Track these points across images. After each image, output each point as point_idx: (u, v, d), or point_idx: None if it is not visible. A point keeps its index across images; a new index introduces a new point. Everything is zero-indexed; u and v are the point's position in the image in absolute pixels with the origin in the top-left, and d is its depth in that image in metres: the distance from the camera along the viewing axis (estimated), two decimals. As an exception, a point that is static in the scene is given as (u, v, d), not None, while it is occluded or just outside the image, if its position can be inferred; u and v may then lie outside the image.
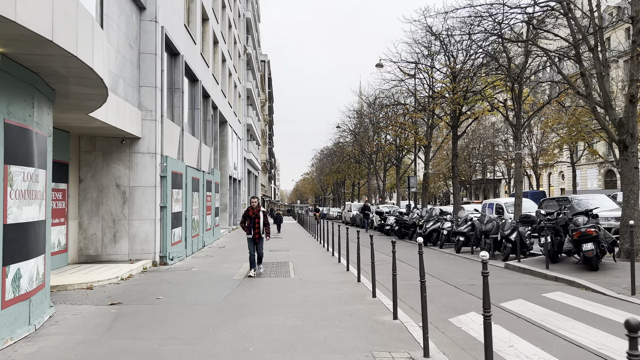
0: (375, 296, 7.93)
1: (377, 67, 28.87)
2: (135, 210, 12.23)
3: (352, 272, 10.86)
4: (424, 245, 18.94)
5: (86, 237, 12.00)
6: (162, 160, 12.77)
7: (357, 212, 36.01)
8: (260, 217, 10.35)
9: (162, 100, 13.02)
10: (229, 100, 28.14)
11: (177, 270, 11.68)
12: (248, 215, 10.37)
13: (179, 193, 14.12)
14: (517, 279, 10.29)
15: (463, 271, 11.45)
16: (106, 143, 12.15)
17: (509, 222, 13.45)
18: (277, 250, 16.43)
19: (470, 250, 15.48)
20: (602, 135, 33.60)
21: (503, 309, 7.29)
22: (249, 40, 42.20)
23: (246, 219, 10.39)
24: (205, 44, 20.64)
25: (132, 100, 11.86)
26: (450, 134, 28.72)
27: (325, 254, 15.00)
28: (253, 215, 10.33)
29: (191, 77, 17.68)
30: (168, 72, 14.61)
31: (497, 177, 59.93)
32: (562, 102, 20.28)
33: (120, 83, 11.07)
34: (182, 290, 8.80)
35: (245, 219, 10.41)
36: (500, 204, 21.81)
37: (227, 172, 26.81)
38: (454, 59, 22.65)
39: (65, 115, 9.05)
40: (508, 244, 13.15)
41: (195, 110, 18.20)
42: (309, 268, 11.69)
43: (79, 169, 11.98)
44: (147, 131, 12.36)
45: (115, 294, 8.43)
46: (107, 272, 10.22)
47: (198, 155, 17.91)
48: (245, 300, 7.88)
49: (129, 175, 12.25)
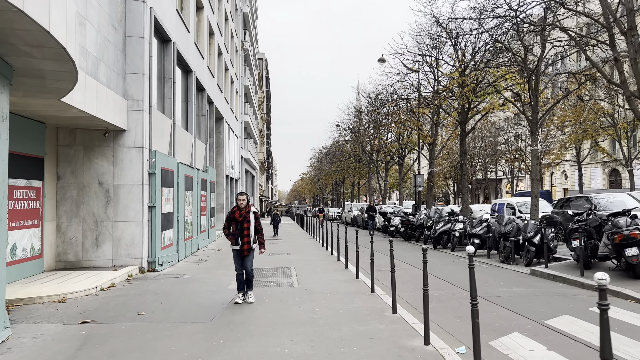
0: (395, 312, 6.73)
1: (379, 62, 27.68)
2: (120, 211, 11.00)
3: (362, 281, 9.66)
4: (434, 248, 17.92)
5: (65, 241, 10.76)
6: (151, 155, 11.54)
7: (358, 212, 34.83)
8: (250, 220, 7.57)
9: (151, 90, 11.80)
10: (225, 96, 26.91)
11: (166, 277, 10.45)
12: (234, 219, 7.59)
13: (169, 192, 12.89)
14: (550, 288, 9.10)
15: (487, 279, 10.26)
16: (87, 136, 10.91)
17: (531, 224, 12.28)
18: (277, 253, 15.22)
19: (486, 254, 14.30)
20: (609, 133, 32.64)
21: (551, 329, 6.10)
22: (246, 36, 40.97)
23: (231, 223, 7.64)
24: (199, 34, 19.41)
25: (116, 87, 10.64)
26: (457, 131, 27.64)
27: (329, 258, 13.80)
28: (240, 219, 7.54)
29: (184, 68, 16.45)
30: (158, 60, 13.38)
31: (497, 176, 58.83)
32: (581, 95, 19.10)
33: (101, 67, 9.85)
34: (170, 304, 7.58)
35: (230, 224, 7.66)
36: (511, 204, 20.65)
37: (223, 171, 25.58)
38: (462, 51, 21.48)
39: (34, 101, 7.83)
40: (531, 248, 11.99)
41: (189, 103, 16.96)
42: (314, 275, 10.49)
43: (56, 164, 10.74)
44: (133, 123, 11.13)
45: (90, 309, 7.20)
46: (85, 281, 8.99)
47: (192, 152, 16.68)
48: (243, 316, 6.67)
49: (113, 171, 11.02)
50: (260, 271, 11.08)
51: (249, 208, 7.64)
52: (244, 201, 7.61)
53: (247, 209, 7.61)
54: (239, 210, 7.61)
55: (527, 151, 45.39)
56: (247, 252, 7.59)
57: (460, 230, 16.40)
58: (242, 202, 7.60)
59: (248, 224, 7.56)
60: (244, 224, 7.54)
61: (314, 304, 7.40)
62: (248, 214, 7.60)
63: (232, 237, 7.57)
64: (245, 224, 7.54)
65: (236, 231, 7.54)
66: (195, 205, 16.48)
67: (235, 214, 7.60)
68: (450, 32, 21.65)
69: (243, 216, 7.55)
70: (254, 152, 47.54)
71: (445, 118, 27.45)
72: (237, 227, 7.55)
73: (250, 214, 7.61)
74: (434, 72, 24.48)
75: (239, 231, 7.53)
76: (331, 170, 58.82)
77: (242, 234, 7.53)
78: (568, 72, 16.87)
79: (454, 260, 13.69)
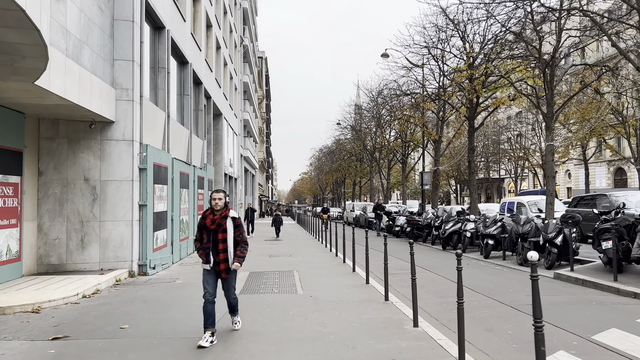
0: (417, 325, 5.83)
1: (382, 57, 26.84)
2: (108, 210, 10.10)
3: (373, 286, 8.76)
4: (443, 250, 17.01)
5: (47, 242, 9.86)
6: (142, 149, 10.64)
7: (360, 212, 33.96)
8: (227, 229, 5.42)
9: (142, 78, 10.90)
10: (224, 92, 26.02)
11: (158, 282, 9.56)
12: (205, 227, 5.45)
13: (163, 189, 11.99)
14: (583, 294, 8.21)
15: (509, 284, 9.37)
16: (72, 128, 10.02)
17: (552, 223, 11.39)
18: (278, 255, 14.32)
19: (501, 256, 13.40)
20: (618, 130, 31.74)
21: (602, 346, 5.21)
22: (245, 32, 40.06)
23: (202, 232, 5.49)
24: (197, 25, 18.51)
25: (102, 74, 9.74)
26: (463, 127, 26.76)
27: (334, 261, 12.90)
28: (213, 226, 5.40)
29: (180, 59, 15.55)
30: (151, 49, 12.49)
31: (495, 176, 57.91)
32: (598, 88, 18.18)
33: (85, 51, 8.95)
34: (158, 314, 6.68)
35: (202, 233, 5.50)
36: (522, 202, 19.74)
37: (221, 169, 24.68)
38: (471, 43, 20.59)
39: (6, 84, 6.94)
40: (553, 249, 11.10)
41: (185, 96, 16.06)
42: (319, 279, 9.59)
43: (38, 159, 9.84)
44: (122, 114, 10.23)
45: (66, 321, 6.30)
46: (66, 287, 8.09)
47: (188, 148, 15.78)
48: (241, 331, 5.78)
49: (100, 166, 10.12)
50: (261, 275, 10.19)
51: (226, 212, 5.45)
52: (220, 201, 5.42)
53: (224, 213, 5.42)
54: (212, 214, 5.46)
55: (531, 149, 44.63)
56: (224, 274, 5.42)
57: (471, 230, 15.50)
58: (217, 204, 5.41)
59: (224, 235, 5.38)
60: (217, 234, 5.39)
61: (322, 315, 6.50)
62: (224, 219, 5.40)
63: (202, 253, 5.41)
64: (220, 235, 5.38)
65: (207, 244, 5.42)
66: (191, 204, 15.58)
67: (207, 220, 5.43)
68: (457, 24, 20.80)
69: (217, 223, 5.38)
70: (253, 150, 46.64)
71: (451, 114, 26.58)
72: (208, 239, 5.43)
73: (228, 221, 5.42)
74: (440, 65, 23.59)
75: (212, 244, 5.41)
76: (332, 170, 57.95)
77: (215, 247, 5.40)
78: (584, 64, 15.97)
79: (467, 262, 12.79)
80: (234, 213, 5.53)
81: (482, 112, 22.89)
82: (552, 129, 15.80)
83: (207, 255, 5.41)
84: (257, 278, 9.81)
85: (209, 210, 5.51)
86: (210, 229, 5.41)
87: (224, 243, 5.40)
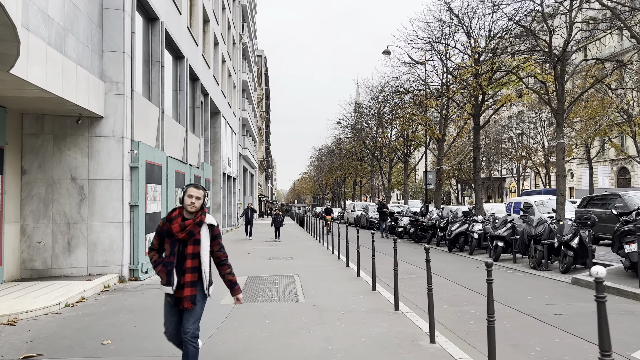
0: (434, 340, 5.21)
1: (384, 54, 26.27)
2: (97, 211, 9.47)
3: (380, 293, 8.14)
4: (449, 252, 16.36)
5: (31, 246, 9.23)
6: (133, 146, 10.02)
7: (361, 212, 33.34)
8: (202, 239, 3.91)
9: (133, 71, 10.27)
10: (222, 89, 25.40)
11: (149, 288, 8.94)
12: (169, 233, 3.90)
13: (156, 189, 11.37)
14: (608, 302, 7.55)
15: (525, 290, 8.75)
16: (58, 123, 9.38)
17: (568, 225, 10.78)
18: (277, 258, 13.70)
19: (511, 259, 12.80)
20: (624, 129, 31.12)
21: (647, 367, 4.60)
22: (244, 29, 39.43)
23: (163, 240, 3.97)
24: (193, 19, 17.89)
25: (90, 66, 9.11)
26: (466, 125, 26.16)
27: (336, 264, 12.28)
28: (182, 235, 3.86)
29: (175, 53, 14.92)
30: (144, 40, 11.86)
31: (497, 176, 57.29)
32: (609, 84, 17.52)
33: (70, 40, 8.32)
34: (145, 327, 6.06)
35: (162, 242, 3.99)
36: (529, 203, 19.12)
37: (220, 168, 24.07)
38: (476, 38, 19.96)
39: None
40: (569, 252, 10.49)
41: (181, 92, 15.44)
42: (322, 285, 8.97)
43: (21, 156, 9.21)
44: (111, 108, 9.60)
45: (43, 335, 5.68)
46: (48, 295, 7.46)
47: (184, 146, 15.16)
48: (236, 347, 5.16)
49: (88, 165, 9.49)
50: (260, 280, 9.57)
51: (202, 217, 3.89)
52: (198, 201, 3.86)
53: (199, 218, 3.87)
54: (182, 217, 3.88)
55: (534, 148, 44.02)
56: (188, 304, 3.80)
57: (479, 231, 14.89)
58: (193, 204, 3.84)
59: (196, 248, 3.85)
60: (187, 245, 3.85)
61: (327, 328, 5.88)
62: (198, 227, 3.85)
63: (161, 269, 3.85)
64: (191, 247, 3.84)
65: (171, 257, 3.84)
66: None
67: (173, 225, 3.83)
68: (462, 18, 20.19)
69: (188, 231, 3.83)
70: (252, 150, 46.02)
71: (454, 112, 25.97)
72: (172, 251, 3.85)
73: (203, 229, 3.88)
74: (444, 62, 22.96)
75: (177, 259, 3.84)
76: (332, 169, 57.32)
77: (181, 264, 3.84)
78: (596, 59, 15.36)
79: (477, 266, 12.18)
80: (212, 219, 3.97)
81: (487, 109, 22.26)
82: (563, 126, 15.19)
83: (168, 274, 3.81)
84: (255, 283, 9.19)
85: (176, 211, 3.92)
86: (177, 238, 3.83)
87: (195, 259, 3.85)
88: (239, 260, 13.25)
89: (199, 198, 3.88)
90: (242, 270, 10.97)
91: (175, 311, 3.94)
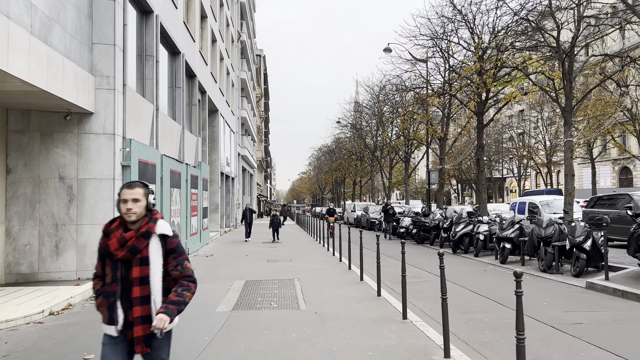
0: (449, 355, 4.74)
1: (385, 51, 25.81)
2: (86, 212, 9.00)
3: (386, 299, 7.67)
4: (453, 253, 15.88)
5: (17, 249, 8.75)
6: (125, 144, 9.54)
7: (361, 212, 32.89)
8: (151, 257, 2.81)
9: (126, 65, 9.79)
10: (220, 87, 24.91)
11: (141, 293, 8.45)
12: (107, 253, 2.82)
13: (150, 189, 10.88)
14: (629, 309, 7.12)
15: (538, 295, 8.28)
16: (45, 120, 8.91)
17: (580, 226, 10.32)
18: (277, 260, 13.23)
19: (519, 261, 12.34)
20: (627, 127, 30.67)
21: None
22: (243, 27, 38.96)
23: (104, 261, 2.85)
24: (190, 14, 17.42)
25: (79, 59, 8.63)
26: (469, 124, 25.69)
27: (338, 267, 11.81)
28: (122, 252, 2.77)
29: (171, 48, 14.45)
30: (137, 34, 11.39)
31: (497, 175, 56.85)
32: (619, 81, 17.04)
33: (56, 30, 7.84)
34: (134, 338, 5.58)
35: (104, 265, 2.86)
36: (534, 203, 18.65)
37: (218, 168, 23.58)
38: (480, 35, 19.49)
39: (-46, 65, 5.84)
40: (582, 255, 10.03)
41: (177, 89, 14.97)
42: (324, 291, 8.49)
43: (6, 154, 8.74)
44: (102, 104, 9.13)
45: (22, 348, 5.20)
46: (32, 302, 6.99)
47: (180, 144, 14.68)
48: (232, 362, 4.69)
49: (77, 163, 9.02)
50: (258, 284, 9.10)
51: (150, 226, 2.85)
52: (136, 206, 2.82)
53: (145, 228, 2.83)
54: (122, 228, 2.86)
55: (535, 147, 43.57)
56: (140, 348, 2.81)
57: (484, 232, 14.42)
58: (130, 210, 2.81)
59: (145, 270, 2.81)
60: (131, 267, 2.81)
61: (330, 339, 5.41)
62: (145, 239, 2.82)
63: (102, 302, 2.83)
64: (137, 270, 2.80)
65: (113, 285, 2.81)
66: (184, 205, 14.49)
67: (111, 241, 2.82)
68: (465, 15, 19.72)
69: (131, 246, 2.79)
70: (251, 149, 45.55)
71: (457, 110, 25.50)
72: (114, 276, 2.81)
73: (153, 241, 2.84)
74: (446, 58, 22.47)
75: (122, 287, 2.81)
76: (331, 169, 56.82)
77: (126, 293, 2.80)
78: (604, 54, 14.91)
79: (484, 269, 11.72)
80: (165, 227, 2.86)
81: (491, 107, 21.79)
82: (571, 123, 14.75)
83: (110, 307, 2.76)
84: (253, 288, 8.72)
85: (116, 222, 2.87)
86: (116, 257, 2.77)
87: (145, 285, 2.77)
88: (236, 262, 12.78)
89: (137, 200, 2.76)
90: (240, 274, 10.50)
91: (118, 358, 2.75)
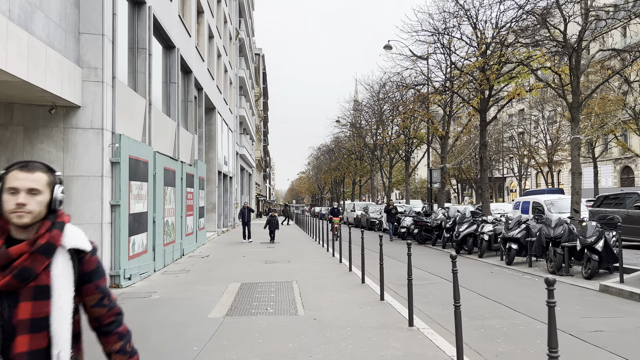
0: (462, 368, 4.29)
1: (385, 48, 25.35)
2: (73, 211, 8.51)
3: (389, 304, 7.21)
4: (457, 253, 15.42)
5: (-1, 250, 8.27)
6: (114, 139, 9.07)
7: (361, 212, 32.46)
8: (54, 286, 1.61)
9: (115, 57, 9.32)
10: (217, 84, 24.43)
11: (130, 297, 7.99)
12: None
13: (142, 187, 10.42)
14: (649, 315, 6.68)
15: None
16: (29, 113, 8.44)
17: (591, 226, 9.87)
18: (274, 261, 12.76)
19: (526, 262, 11.90)
20: (630, 126, 30.25)
21: None
22: (241, 25, 38.51)
23: None
24: (185, 8, 16.94)
25: (64, 49, 8.16)
26: (471, 122, 25.24)
27: (338, 268, 11.36)
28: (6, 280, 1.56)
29: (165, 42, 13.98)
30: (129, 25, 10.92)
31: (497, 175, 56.42)
32: (627, 76, 16.62)
33: (38, 17, 7.36)
34: (116, 348, 5.11)
35: None
36: (538, 202, 18.20)
37: (215, 166, 23.10)
38: (482, 30, 19.04)
39: None
40: (593, 256, 9.57)
41: (172, 84, 14.49)
42: (324, 294, 8.03)
43: (-13, 150, 8.28)
44: (90, 97, 8.65)
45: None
46: None
47: (174, 141, 14.21)
48: (222, 377, 4.23)
49: (63, 159, 8.55)
50: (254, 287, 8.63)
51: (51, 233, 1.64)
52: (34, 198, 1.61)
53: (46, 237, 1.63)
54: (2, 238, 1.62)
55: (536, 147, 43.15)
56: None
57: (489, 232, 13.97)
58: (20, 207, 1.58)
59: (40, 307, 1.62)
60: (17, 301, 1.59)
61: (331, 350, 4.95)
62: (45, 257, 1.62)
63: None
64: (26, 306, 1.60)
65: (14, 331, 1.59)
66: (179, 204, 14.02)
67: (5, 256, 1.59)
68: (468, 10, 19.28)
69: (20, 268, 1.58)
70: (250, 148, 45.09)
71: (458, 108, 25.06)
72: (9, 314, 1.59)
73: (58, 259, 1.65)
74: (448, 54, 22.01)
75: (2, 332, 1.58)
76: (331, 169, 56.36)
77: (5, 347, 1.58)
78: (612, 49, 14.46)
79: (490, 270, 11.27)
80: (78, 236, 1.73)
81: (494, 104, 21.34)
82: (578, 120, 14.30)
83: None
84: (249, 291, 8.26)
85: None
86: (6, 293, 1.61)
87: (38, 333, 1.62)
88: (232, 263, 12.32)
89: (36, 191, 1.64)
90: (236, 276, 10.04)
91: None
